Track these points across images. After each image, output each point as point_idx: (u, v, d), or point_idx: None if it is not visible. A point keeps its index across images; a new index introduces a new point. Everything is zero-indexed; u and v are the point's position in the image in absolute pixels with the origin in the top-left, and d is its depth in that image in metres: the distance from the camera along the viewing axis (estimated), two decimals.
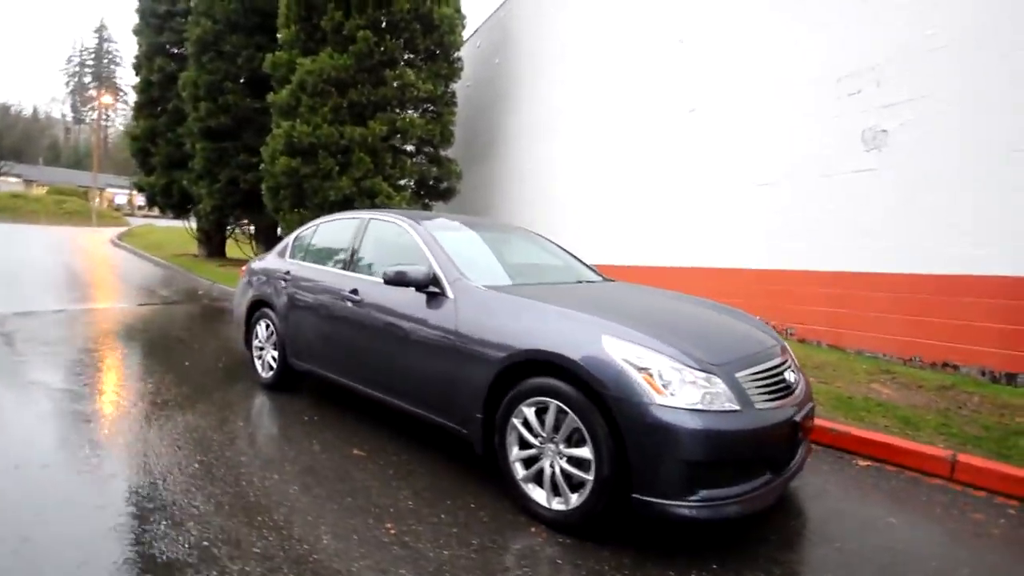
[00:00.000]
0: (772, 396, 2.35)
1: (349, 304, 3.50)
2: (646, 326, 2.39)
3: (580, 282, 3.55)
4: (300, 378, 4.33)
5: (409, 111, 11.37)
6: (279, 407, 3.94)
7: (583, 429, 2.26)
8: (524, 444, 2.51)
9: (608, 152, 8.76)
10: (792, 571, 2.17)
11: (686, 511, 2.08)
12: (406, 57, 10.90)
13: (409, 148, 11.44)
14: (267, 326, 4.39)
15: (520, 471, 2.51)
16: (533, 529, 2.37)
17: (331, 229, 4.24)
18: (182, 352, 5.61)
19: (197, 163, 12.76)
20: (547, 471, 2.41)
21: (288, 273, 4.21)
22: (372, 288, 3.40)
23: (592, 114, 9.14)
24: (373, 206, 10.43)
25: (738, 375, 2.27)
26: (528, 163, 11.20)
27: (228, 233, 16.66)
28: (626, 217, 8.34)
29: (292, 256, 4.40)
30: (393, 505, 2.54)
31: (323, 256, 4.11)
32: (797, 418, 2.39)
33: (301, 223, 11.32)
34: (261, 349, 4.48)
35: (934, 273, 4.89)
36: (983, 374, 4.59)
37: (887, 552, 2.32)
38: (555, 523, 2.35)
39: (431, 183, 11.56)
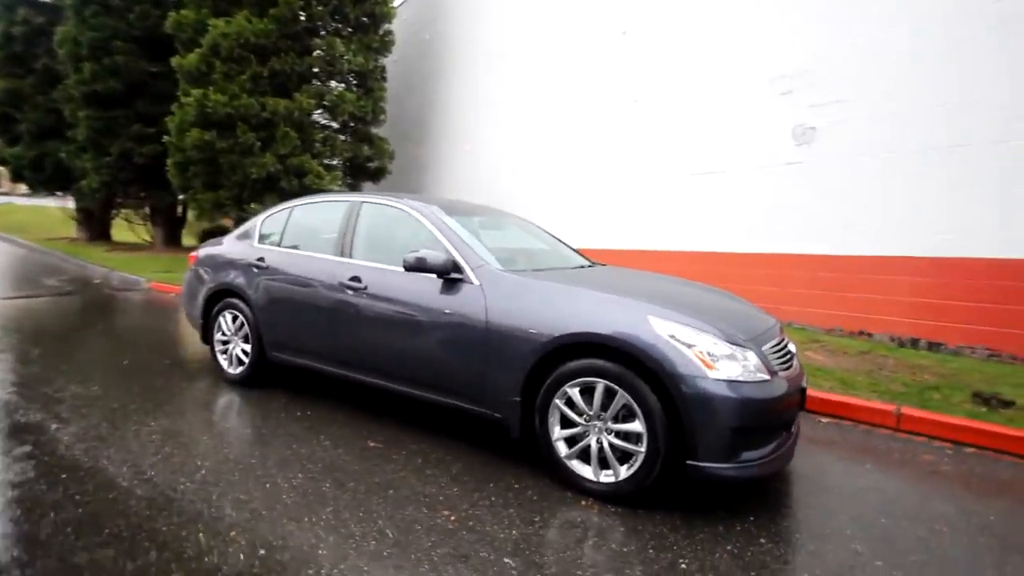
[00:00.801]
0: (785, 366, 2.64)
1: (349, 292, 3.34)
2: (679, 307, 2.58)
3: (582, 266, 3.67)
4: (273, 372, 4.07)
5: (334, 84, 10.74)
6: (261, 404, 3.69)
7: (634, 405, 2.40)
8: (566, 423, 2.61)
9: (553, 139, 8.91)
10: (814, 514, 2.49)
11: (733, 473, 2.31)
12: (333, 26, 10.25)
13: (335, 124, 10.83)
14: (234, 317, 4.06)
15: (563, 449, 2.61)
16: (584, 503, 2.49)
17: (312, 213, 3.99)
18: (111, 349, 5.01)
19: (80, 133, 11.11)
20: (594, 447, 2.53)
21: (262, 260, 3.90)
22: (378, 275, 3.28)
23: (536, 99, 9.23)
24: (301, 186, 9.80)
25: (763, 348, 2.54)
26: (467, 145, 11.06)
27: (114, 214, 14.77)
28: (569, 201, 8.58)
29: (261, 241, 4.08)
30: (440, 493, 2.53)
31: (306, 241, 3.86)
32: (803, 384, 2.71)
33: (216, 203, 10.36)
34: (226, 343, 4.13)
35: (852, 254, 5.63)
36: (892, 340, 5.40)
37: (876, 492, 2.73)
38: (604, 495, 2.49)
39: (361, 163, 11.07)
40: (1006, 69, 4.59)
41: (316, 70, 10.14)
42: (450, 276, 2.97)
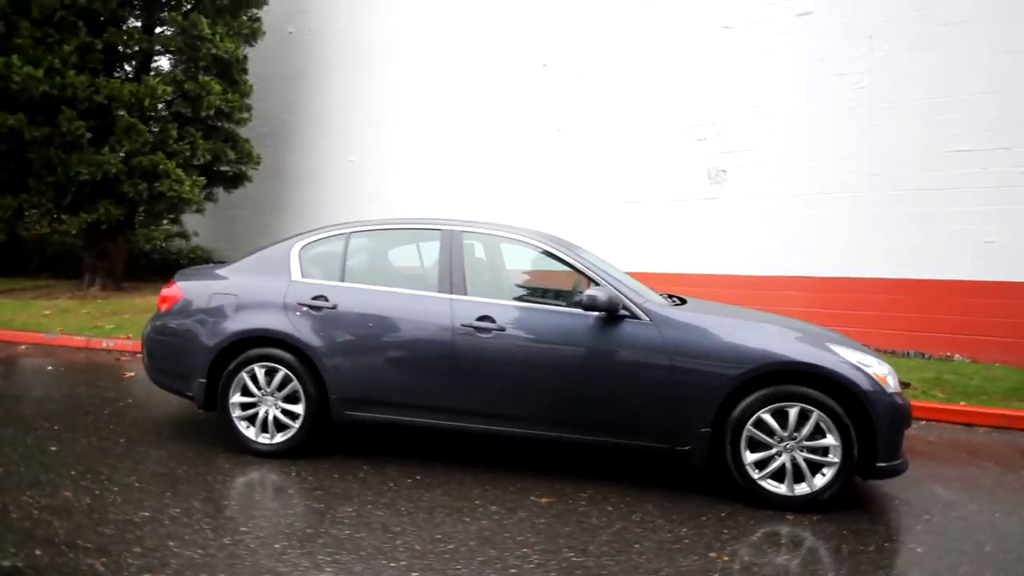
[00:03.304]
0: None
1: (480, 334, 3.00)
2: (832, 336, 3.04)
3: (673, 297, 3.81)
4: (324, 436, 3.37)
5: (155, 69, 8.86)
6: (346, 477, 3.03)
7: (829, 422, 2.74)
8: (755, 447, 2.83)
9: (468, 158, 8.82)
10: (924, 493, 3.14)
11: (899, 467, 2.82)
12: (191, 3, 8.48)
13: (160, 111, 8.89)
14: (269, 371, 3.22)
15: (756, 472, 2.82)
16: (789, 517, 2.74)
17: (380, 242, 3.47)
18: (15, 432, 3.48)
19: None
20: (788, 465, 2.79)
21: (324, 298, 3.19)
22: (518, 314, 3.03)
23: (448, 113, 9.02)
24: (151, 192, 7.90)
25: None
26: (352, 154, 10.18)
27: None
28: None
29: (307, 275, 3.33)
30: (676, 538, 2.49)
31: (382, 276, 3.32)
32: None
33: (19, 211, 7.59)
34: (251, 407, 3.25)
35: (758, 274, 6.96)
36: None
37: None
38: (802, 506, 2.77)
39: (222, 168, 9.39)
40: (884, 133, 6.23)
41: (170, 51, 8.28)
42: (619, 314, 2.93)
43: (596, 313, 2.93)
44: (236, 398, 3.26)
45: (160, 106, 8.44)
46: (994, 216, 5.59)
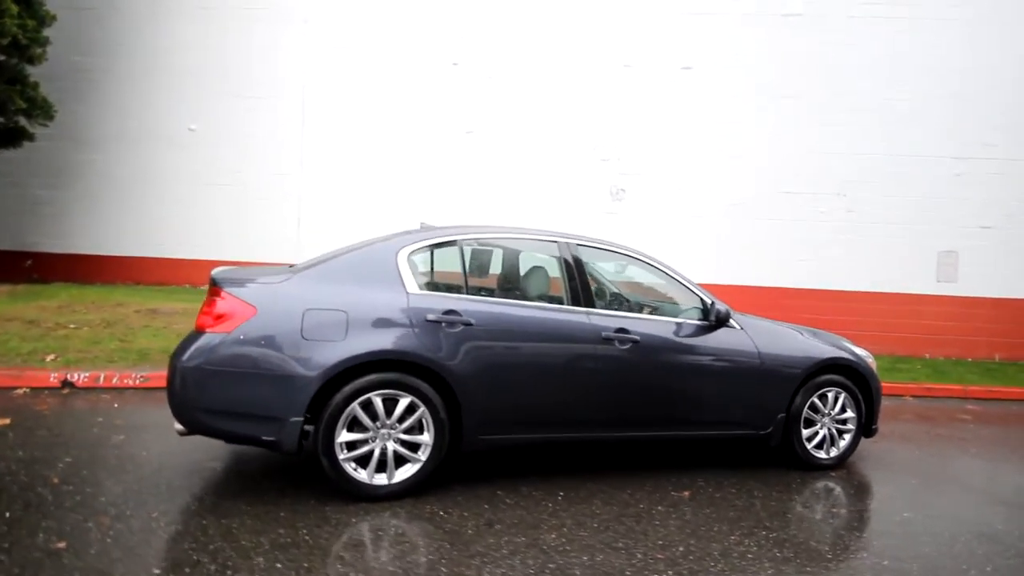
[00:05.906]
0: None
1: (617, 346, 3.13)
2: (838, 337, 4.05)
3: None
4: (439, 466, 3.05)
5: None
6: (494, 507, 2.85)
7: (850, 399, 3.70)
8: (807, 424, 3.64)
9: (367, 151, 8.14)
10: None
11: (877, 428, 3.98)
12: None
13: None
14: (389, 400, 2.78)
15: (809, 444, 3.64)
16: (832, 474, 3.61)
17: (496, 252, 3.22)
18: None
19: None
20: (827, 436, 3.67)
21: (457, 313, 2.88)
22: (647, 326, 3.27)
23: (342, 101, 8.13)
24: None
25: None
26: (193, 123, 8.35)
27: None
28: (387, 223, 8.17)
29: (423, 287, 2.93)
30: (803, 502, 3.13)
31: (501, 288, 3.16)
32: None
33: None
34: (359, 444, 2.76)
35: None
36: None
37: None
38: (835, 465, 3.68)
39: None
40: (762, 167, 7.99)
41: None
42: (727, 324, 3.41)
43: (702, 322, 3.37)
44: (342, 436, 2.70)
45: None
46: (810, 242, 7.83)
